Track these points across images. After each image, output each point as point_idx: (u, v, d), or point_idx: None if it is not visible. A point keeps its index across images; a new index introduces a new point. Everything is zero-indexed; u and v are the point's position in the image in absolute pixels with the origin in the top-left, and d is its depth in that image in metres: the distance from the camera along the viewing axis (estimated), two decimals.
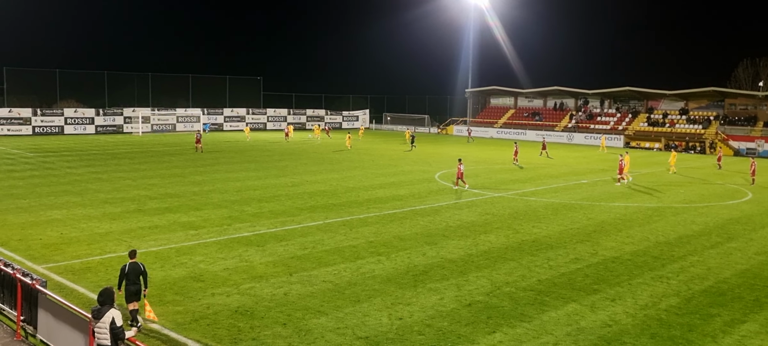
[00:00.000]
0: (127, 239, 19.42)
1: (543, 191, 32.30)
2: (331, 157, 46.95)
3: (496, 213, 25.51)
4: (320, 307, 13.69)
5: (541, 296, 14.79)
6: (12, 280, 12.31)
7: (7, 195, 26.90)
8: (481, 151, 55.22)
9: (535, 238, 21.10)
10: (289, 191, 29.63)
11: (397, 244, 19.68)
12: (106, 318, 9.45)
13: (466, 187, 31.83)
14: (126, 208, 24.54)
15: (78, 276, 15.48)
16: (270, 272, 16.27)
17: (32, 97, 70.91)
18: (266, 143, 59.39)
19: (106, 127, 68.77)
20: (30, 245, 18.55)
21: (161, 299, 13.99)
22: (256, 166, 39.46)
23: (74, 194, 27.42)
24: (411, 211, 25.46)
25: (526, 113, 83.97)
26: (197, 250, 18.30)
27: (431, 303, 14.13)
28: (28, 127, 63.91)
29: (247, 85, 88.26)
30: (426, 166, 42.32)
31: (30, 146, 51.03)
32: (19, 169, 36.03)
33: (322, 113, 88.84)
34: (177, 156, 45.25)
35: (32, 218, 22.28)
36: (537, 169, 42.08)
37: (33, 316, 11.84)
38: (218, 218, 22.88)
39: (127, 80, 78.65)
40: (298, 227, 21.88)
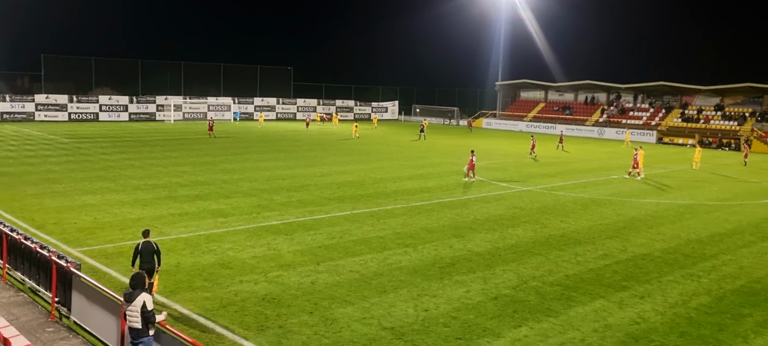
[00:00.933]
0: (158, 225, 19.75)
1: (572, 185, 31.99)
2: (359, 148, 47.06)
3: (524, 207, 25.36)
4: (347, 296, 13.79)
5: (568, 292, 14.69)
6: (47, 262, 12.63)
7: (43, 179, 27.53)
8: (510, 145, 54.86)
9: (563, 233, 20.94)
10: (318, 181, 29.81)
11: (424, 236, 19.70)
12: (137, 302, 9.65)
13: (474, 179, 31.78)
14: (157, 194, 24.95)
15: (111, 260, 15.81)
16: (297, 260, 16.42)
17: (68, 85, 72.31)
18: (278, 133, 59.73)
19: (139, 114, 69.87)
20: (65, 228, 18.98)
21: (190, 285, 14.22)
22: (285, 156, 39.75)
23: (108, 180, 27.95)
24: (439, 203, 25.44)
25: (556, 107, 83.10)
26: (226, 237, 18.54)
27: (457, 296, 14.14)
28: (65, 114, 65.23)
29: (278, 75, 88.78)
30: (455, 158, 42.19)
31: (66, 132, 52.09)
32: (56, 154, 36.82)
33: (352, 104, 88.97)
34: (207, 144, 45.79)
35: (67, 202, 22.79)
36: (565, 164, 41.68)
37: (67, 298, 12.14)
38: (247, 207, 23.13)
39: (160, 69, 79.76)
40: (326, 216, 22.02)
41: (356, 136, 56.24)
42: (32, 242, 13.68)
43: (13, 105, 62.63)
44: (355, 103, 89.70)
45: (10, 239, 14.22)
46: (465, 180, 31.67)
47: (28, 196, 23.84)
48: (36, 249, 13.23)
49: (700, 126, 68.32)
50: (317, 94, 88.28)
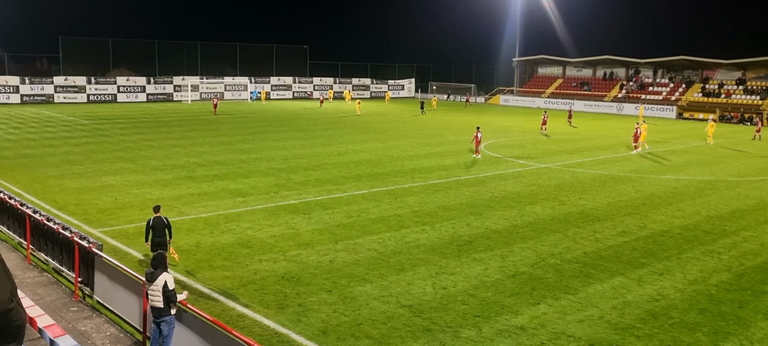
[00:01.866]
0: (177, 205, 19.94)
1: (590, 162, 31.76)
2: (376, 126, 47.01)
3: (542, 184, 25.25)
4: (365, 275, 13.87)
5: (587, 269, 14.65)
6: (70, 243, 12.83)
7: (64, 161, 27.86)
8: (528, 122, 54.50)
9: (581, 210, 20.84)
10: (335, 160, 29.87)
11: (442, 214, 19.71)
12: (159, 281, 9.78)
13: (479, 156, 31.70)
14: (176, 175, 25.15)
15: (131, 240, 16.01)
16: (316, 239, 16.52)
17: (87, 66, 72.78)
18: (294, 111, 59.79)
19: (157, 95, 70.23)
20: (86, 209, 19.23)
21: (210, 264, 14.38)
22: (303, 135, 39.83)
23: (127, 161, 28.22)
24: (456, 181, 25.40)
25: (574, 83, 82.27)
26: (245, 217, 18.68)
27: (475, 273, 14.16)
28: (83, 95, 65.74)
29: (294, 54, 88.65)
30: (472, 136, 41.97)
31: (85, 114, 52.56)
32: (76, 135, 37.20)
33: (368, 82, 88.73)
34: (225, 124, 45.99)
35: (88, 184, 23.06)
36: (583, 141, 41.36)
37: (90, 278, 12.34)
38: (265, 186, 23.26)
39: (177, 49, 79.96)
40: (344, 195, 22.09)
41: (359, 114, 56.04)
42: (55, 223, 13.89)
43: (33, 87, 63.21)
44: (372, 81, 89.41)
45: (33, 220, 14.44)
46: (474, 156, 31.55)
47: (49, 177, 24.15)
48: (58, 230, 13.43)
49: (722, 101, 67.32)
50: (333, 73, 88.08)
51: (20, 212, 15.18)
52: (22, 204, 15.62)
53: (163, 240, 13.32)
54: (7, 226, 16.25)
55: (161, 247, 13.13)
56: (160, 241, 13.29)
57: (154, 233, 13.32)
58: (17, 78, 62.74)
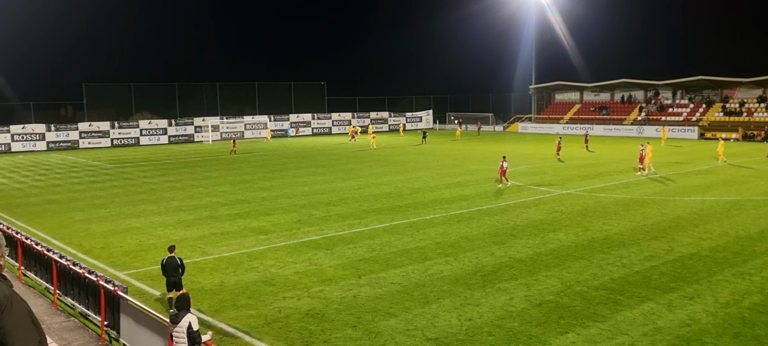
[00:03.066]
0: (201, 245, 20.05)
1: (612, 186, 31.46)
2: (395, 159, 47.09)
3: (565, 211, 25.02)
4: (389, 309, 13.77)
5: (615, 295, 14.42)
6: (96, 287, 12.93)
7: (90, 205, 28.22)
8: (547, 148, 54.24)
9: (606, 235, 20.58)
10: (356, 194, 29.91)
11: (465, 244, 19.58)
12: (183, 323, 9.81)
13: (509, 183, 31.59)
14: (199, 215, 25.34)
15: (156, 282, 16.08)
16: (339, 274, 16.47)
17: (110, 111, 74.12)
18: (314, 147, 60.11)
19: (178, 136, 71.15)
20: (112, 252, 19.41)
21: (235, 303, 14.38)
22: (323, 171, 40.00)
23: (150, 203, 28.51)
24: (477, 211, 25.27)
25: (592, 108, 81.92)
26: (268, 254, 18.71)
27: (501, 303, 14.00)
28: (107, 140, 66.81)
29: (312, 91, 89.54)
30: (492, 164, 41.85)
31: (109, 158, 53.35)
32: (100, 180, 37.72)
33: (386, 116, 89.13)
34: (245, 163, 46.37)
35: (113, 227, 23.31)
36: (605, 165, 41.02)
37: (116, 321, 12.40)
38: (287, 223, 23.32)
39: (197, 90, 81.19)
40: (366, 229, 22.07)
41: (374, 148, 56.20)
42: (80, 268, 14.03)
43: (58, 134, 64.41)
44: (389, 114, 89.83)
45: (59, 265, 14.60)
46: (499, 186, 31.41)
47: (75, 222, 24.45)
48: (84, 274, 13.56)
49: (744, 119, 66.54)
50: (351, 108, 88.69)
51: (47, 258, 15.36)
52: (48, 250, 15.81)
53: (177, 279, 13.49)
54: (34, 272, 16.45)
55: (176, 286, 13.37)
56: (174, 280, 13.49)
57: (167, 272, 13.58)
58: (43, 126, 64.02)
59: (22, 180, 38.41)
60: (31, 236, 17.73)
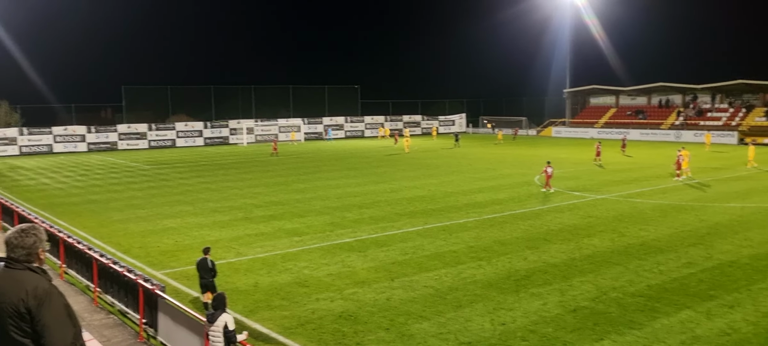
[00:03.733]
0: (235, 245, 20.32)
1: (649, 192, 30.95)
2: (428, 162, 47.04)
3: (600, 216, 24.71)
4: (422, 312, 13.78)
5: (652, 303, 14.20)
6: (135, 285, 13.20)
7: (128, 205, 28.81)
8: (581, 153, 53.65)
9: (642, 241, 20.27)
10: (388, 197, 29.97)
11: (498, 248, 19.48)
12: (219, 322, 9.97)
13: (552, 190, 31.00)
14: (234, 216, 25.66)
15: (192, 281, 16.32)
16: (372, 277, 16.53)
17: (147, 114, 75.64)
18: (347, 150, 60.29)
19: (214, 138, 72.18)
20: (149, 251, 19.79)
21: (269, 304, 14.54)
22: (356, 173, 40.16)
23: (186, 204, 28.97)
24: (511, 215, 25.12)
25: (628, 112, 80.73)
26: (301, 256, 18.87)
27: (534, 309, 13.90)
28: (145, 142, 68.13)
29: (345, 94, 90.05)
30: (526, 169, 41.59)
31: (146, 159, 54.37)
32: (138, 180, 38.47)
33: (419, 119, 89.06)
34: (279, 165, 46.81)
35: (150, 227, 23.75)
36: (641, 170, 40.38)
37: (153, 319, 12.64)
38: (321, 225, 23.48)
39: (232, 93, 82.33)
40: (398, 232, 22.10)
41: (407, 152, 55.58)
42: (120, 266, 14.34)
43: (98, 136, 65.93)
44: (422, 117, 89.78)
45: (100, 263, 14.94)
46: (544, 191, 31.07)
47: (114, 222, 24.99)
48: (124, 273, 13.85)
49: None
50: (384, 111, 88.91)
51: (88, 256, 15.73)
52: (89, 248, 16.20)
53: (208, 282, 13.58)
54: (76, 270, 16.85)
55: (207, 288, 13.48)
56: (205, 282, 13.57)
57: (199, 274, 13.72)
58: (84, 127, 65.61)
59: (64, 180, 39.38)
60: (72, 235, 18.19)
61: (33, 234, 4.78)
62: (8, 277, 4.67)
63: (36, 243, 4.76)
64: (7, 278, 4.67)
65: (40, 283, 4.60)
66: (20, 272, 4.67)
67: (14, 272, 4.68)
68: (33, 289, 4.53)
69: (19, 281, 4.60)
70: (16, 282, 4.60)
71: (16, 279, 4.62)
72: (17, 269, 4.68)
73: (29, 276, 4.64)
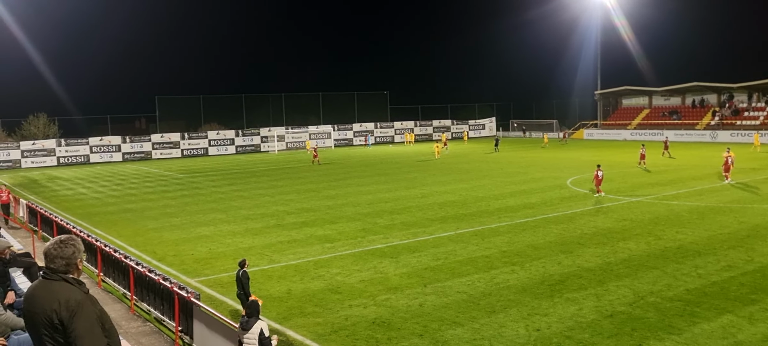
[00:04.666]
0: (268, 253, 20.45)
1: (685, 193, 30.35)
2: (459, 167, 46.84)
3: (635, 219, 24.30)
4: (456, 318, 13.69)
5: (691, 307, 13.89)
6: (170, 293, 13.36)
7: (162, 214, 29.22)
8: (614, 155, 52.90)
9: (679, 244, 19.87)
10: (420, 202, 29.89)
11: (531, 253, 19.28)
12: (254, 329, 10.02)
13: (602, 194, 30.21)
14: (266, 223, 25.85)
15: (226, 289, 16.49)
16: (405, 283, 16.49)
17: (180, 123, 76.80)
18: (377, 156, 60.28)
19: (245, 147, 72.87)
20: (183, 259, 20.03)
21: (302, 310, 14.59)
22: (386, 179, 40.17)
23: (219, 212, 29.27)
24: (543, 219, 24.85)
25: (662, 113, 79.39)
26: (334, 262, 18.91)
27: (569, 314, 13.70)
28: (178, 151, 69.10)
29: (375, 100, 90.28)
30: (557, 172, 41.14)
31: (180, 168, 55.12)
32: (172, 189, 39.01)
33: (449, 123, 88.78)
34: (311, 172, 47.05)
35: (184, 235, 24.05)
36: (677, 172, 39.63)
37: (189, 326, 12.77)
38: (352, 231, 23.52)
39: (263, 102, 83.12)
40: (430, 237, 22.02)
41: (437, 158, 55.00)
42: (156, 275, 14.53)
43: (133, 145, 67.08)
44: (452, 121, 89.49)
45: (136, 272, 15.16)
46: (596, 196, 30.02)
47: (149, 230, 25.36)
48: (159, 281, 14.03)
49: None
50: (414, 116, 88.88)
51: (124, 265, 15.98)
52: (125, 257, 16.46)
53: (240, 293, 13.61)
54: (113, 278, 17.13)
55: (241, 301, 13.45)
56: (239, 293, 13.64)
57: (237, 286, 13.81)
58: (119, 138, 66.81)
59: (100, 190, 40.13)
60: (109, 244, 18.50)
61: (71, 245, 4.86)
62: (44, 288, 4.76)
63: (74, 254, 4.84)
64: (44, 288, 4.77)
65: (73, 294, 4.66)
66: (56, 282, 4.75)
67: (50, 283, 4.76)
68: (65, 300, 4.59)
69: (54, 291, 4.68)
70: (51, 293, 4.68)
71: (52, 290, 4.70)
72: (54, 279, 4.77)
73: (64, 287, 4.71)
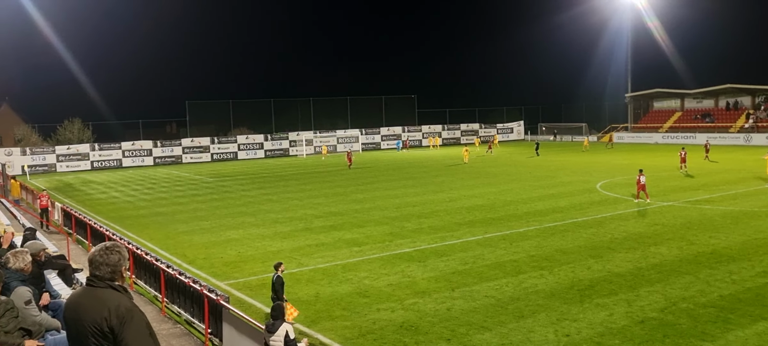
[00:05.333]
0: (296, 256, 20.58)
1: (719, 198, 29.79)
2: (487, 170, 46.61)
3: (667, 223, 23.92)
4: (483, 322, 13.62)
5: (725, 313, 13.63)
6: (200, 296, 13.52)
7: (192, 217, 29.60)
8: (645, 158, 52.13)
9: (712, 249, 19.51)
10: (447, 206, 29.81)
11: (560, 257, 19.10)
12: (280, 332, 10.10)
13: (648, 200, 28.90)
14: (294, 226, 26.01)
15: (255, 292, 16.64)
16: (432, 287, 16.46)
17: (210, 127, 77.76)
18: (405, 160, 60.20)
19: (274, 151, 73.48)
20: (213, 262, 20.26)
21: (330, 314, 14.65)
22: (414, 183, 40.14)
23: (248, 215, 29.55)
24: (573, 223, 24.60)
25: (694, 116, 78.04)
26: (361, 266, 18.96)
27: (600, 319, 13.54)
28: (208, 155, 69.97)
29: (402, 104, 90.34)
30: (587, 176, 40.70)
31: (209, 172, 55.79)
32: (202, 193, 39.50)
33: (476, 127, 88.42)
34: (339, 175, 47.24)
35: (214, 238, 24.32)
36: (710, 175, 38.91)
37: (218, 329, 12.90)
38: (380, 235, 23.55)
39: (291, 106, 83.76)
40: (458, 242, 21.95)
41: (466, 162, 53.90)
42: (186, 277, 14.72)
43: (164, 150, 68.11)
44: (480, 125, 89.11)
45: (167, 274, 15.38)
46: (637, 201, 28.92)
47: (179, 233, 25.70)
48: (189, 284, 14.22)
49: None
50: (441, 120, 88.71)
51: (155, 267, 16.23)
52: (157, 259, 16.71)
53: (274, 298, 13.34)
54: (144, 280, 17.41)
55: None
56: (274, 297, 13.38)
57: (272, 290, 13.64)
58: (150, 142, 67.91)
59: (132, 193, 40.80)
60: (140, 247, 18.80)
61: (117, 252, 4.83)
62: (90, 295, 4.72)
63: (120, 261, 4.81)
64: (90, 296, 4.72)
65: (122, 301, 4.61)
66: (102, 290, 4.69)
67: (96, 291, 4.71)
68: (115, 307, 4.55)
69: (102, 299, 4.62)
70: (98, 300, 4.62)
71: (99, 297, 4.65)
72: (99, 287, 4.71)
73: (111, 294, 4.66)
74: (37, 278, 9.56)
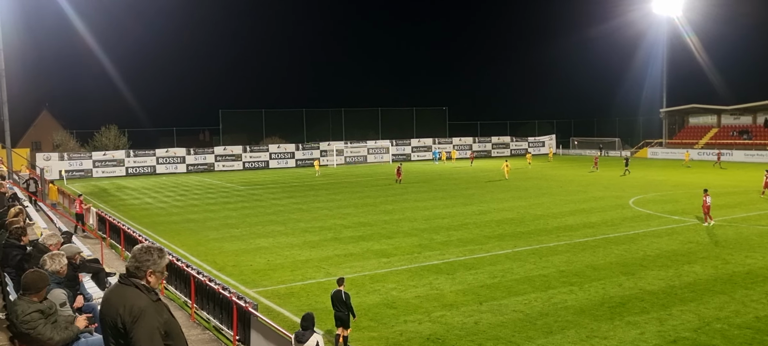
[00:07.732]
0: (325, 266, 20.66)
1: (755, 216, 29.11)
2: (517, 184, 46.25)
3: (701, 241, 23.46)
4: (511, 337, 13.50)
5: (761, 335, 13.30)
6: (229, 303, 13.66)
7: (223, 224, 29.93)
8: (680, 175, 51.25)
9: (749, 269, 19.07)
10: (477, 219, 29.66)
11: (590, 273, 18.85)
12: (311, 342, 10.14)
13: (712, 222, 26.75)
14: (324, 236, 26.13)
15: (283, 300, 16.75)
16: (460, 300, 16.38)
17: (242, 136, 78.67)
18: (435, 172, 59.98)
19: (305, 160, 73.96)
20: (242, 270, 20.44)
21: (357, 325, 14.65)
22: (444, 195, 40.03)
23: (278, 224, 29.76)
24: (604, 239, 24.27)
25: (732, 132, 76.48)
26: (389, 277, 18.95)
27: (631, 338, 13.32)
28: (239, 163, 70.75)
29: (433, 116, 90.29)
30: (619, 191, 40.14)
31: (241, 180, 56.36)
32: (233, 201, 39.92)
33: (508, 140, 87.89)
34: (369, 187, 47.33)
35: (244, 246, 24.55)
36: (747, 194, 38.05)
37: (246, 336, 13.01)
38: (408, 246, 23.52)
39: (323, 116, 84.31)
40: (487, 255, 21.81)
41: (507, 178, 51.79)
42: (216, 284, 14.89)
43: (197, 157, 69.07)
44: (511, 138, 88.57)
45: (197, 281, 15.57)
46: (705, 225, 26.60)
47: (210, 240, 26.00)
48: (219, 290, 14.37)
49: None
50: (472, 132, 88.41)
51: (186, 273, 16.43)
52: (187, 266, 16.93)
53: (342, 315, 12.81)
54: (174, 286, 17.63)
55: (340, 322, 12.75)
56: (338, 315, 12.84)
57: (334, 307, 12.98)
58: (183, 149, 68.93)
59: (165, 200, 41.42)
60: (172, 253, 19.06)
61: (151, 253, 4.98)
62: (116, 291, 4.88)
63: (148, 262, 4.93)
64: (116, 292, 4.88)
65: (137, 300, 4.71)
66: (127, 287, 4.84)
67: (121, 287, 4.86)
68: (130, 306, 4.67)
69: (123, 295, 4.77)
70: (119, 297, 4.78)
71: (120, 294, 4.80)
72: (126, 284, 4.86)
73: (131, 292, 4.78)
74: (72, 280, 9.77)
